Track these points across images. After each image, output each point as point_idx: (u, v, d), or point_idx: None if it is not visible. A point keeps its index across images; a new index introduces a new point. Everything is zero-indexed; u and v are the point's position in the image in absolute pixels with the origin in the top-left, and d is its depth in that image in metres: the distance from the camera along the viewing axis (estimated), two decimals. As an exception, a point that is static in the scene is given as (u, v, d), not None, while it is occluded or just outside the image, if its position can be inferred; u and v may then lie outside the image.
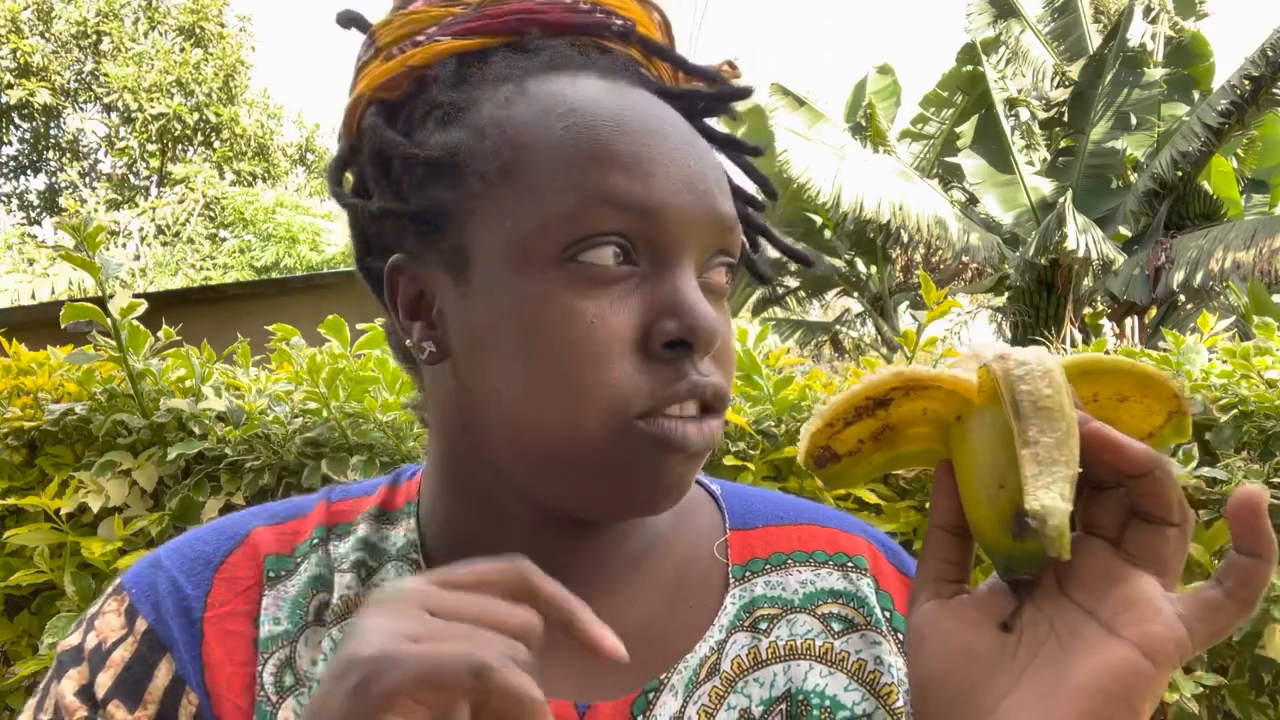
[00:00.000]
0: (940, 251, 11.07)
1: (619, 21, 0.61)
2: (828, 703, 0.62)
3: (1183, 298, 11.15)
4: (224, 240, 20.06)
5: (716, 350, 0.56)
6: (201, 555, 0.63)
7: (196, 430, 1.77)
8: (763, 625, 0.63)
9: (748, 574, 0.65)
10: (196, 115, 20.78)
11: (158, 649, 0.58)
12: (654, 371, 0.54)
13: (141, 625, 0.59)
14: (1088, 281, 10.99)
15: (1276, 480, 1.73)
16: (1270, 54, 9.91)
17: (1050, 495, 0.44)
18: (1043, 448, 0.45)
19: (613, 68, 0.59)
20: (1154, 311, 11.59)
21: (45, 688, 0.59)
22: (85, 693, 0.57)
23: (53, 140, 22.17)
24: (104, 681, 0.57)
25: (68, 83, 21.09)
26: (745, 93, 0.65)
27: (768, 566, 0.66)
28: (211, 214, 20.20)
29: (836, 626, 0.65)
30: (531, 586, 0.45)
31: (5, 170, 22.67)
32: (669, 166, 0.55)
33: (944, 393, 0.49)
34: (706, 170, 0.57)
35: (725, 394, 0.57)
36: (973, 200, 13.03)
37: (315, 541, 0.64)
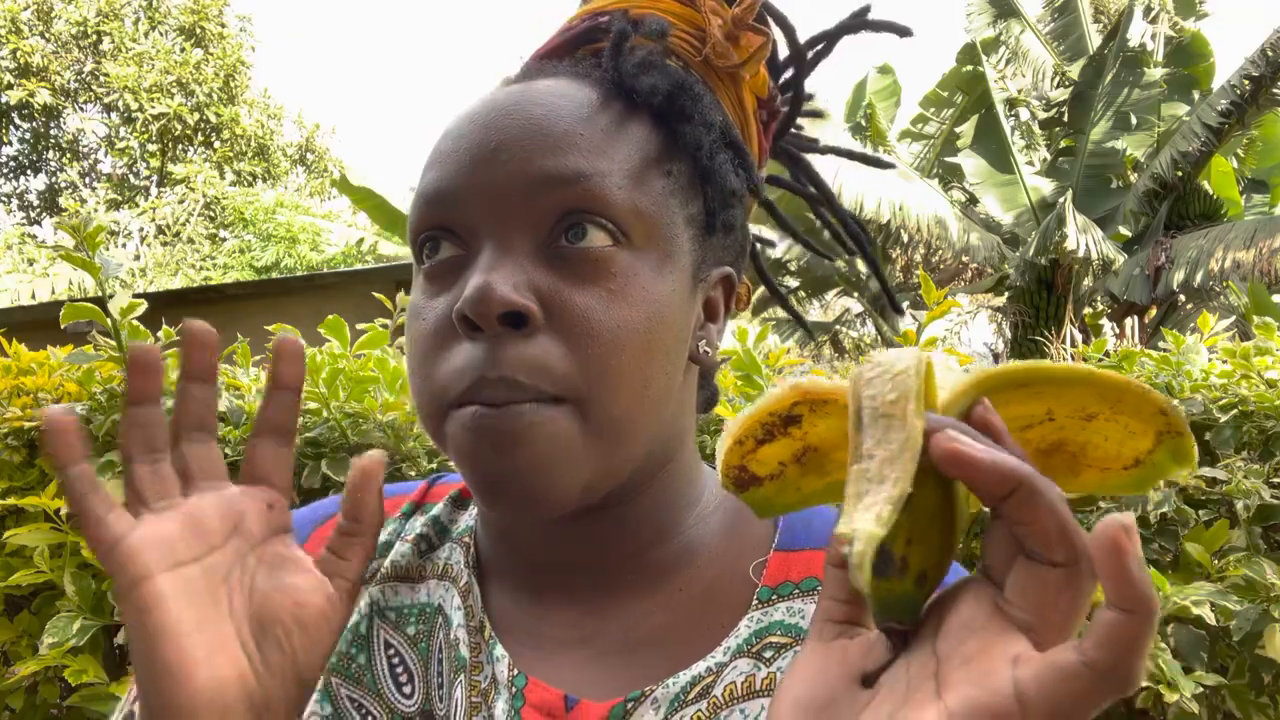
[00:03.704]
0: (940, 251, 11.06)
1: (604, 19, 0.63)
2: None
3: (1183, 298, 11.15)
4: (224, 240, 20.07)
5: (565, 326, 0.53)
6: (314, 515, 0.70)
7: (196, 430, 1.77)
8: (768, 654, 0.59)
9: (774, 597, 0.62)
10: (197, 115, 20.79)
11: None
12: (459, 356, 0.54)
13: None
14: (1088, 281, 10.99)
15: (1276, 480, 1.73)
16: (1270, 54, 9.91)
17: (864, 517, 0.36)
18: (874, 464, 0.38)
19: (555, 70, 0.61)
20: (1154, 311, 11.59)
21: None
22: None
23: (53, 140, 22.17)
24: None
25: (68, 83, 21.09)
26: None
27: (796, 591, 0.62)
28: (211, 214, 20.20)
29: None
30: None
31: (5, 170, 22.68)
32: (472, 149, 0.56)
33: (843, 408, 0.41)
34: (524, 137, 0.55)
35: (534, 385, 0.52)
36: (973, 200, 13.03)
37: (400, 515, 0.70)
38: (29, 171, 22.80)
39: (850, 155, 0.78)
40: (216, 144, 21.52)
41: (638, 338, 0.55)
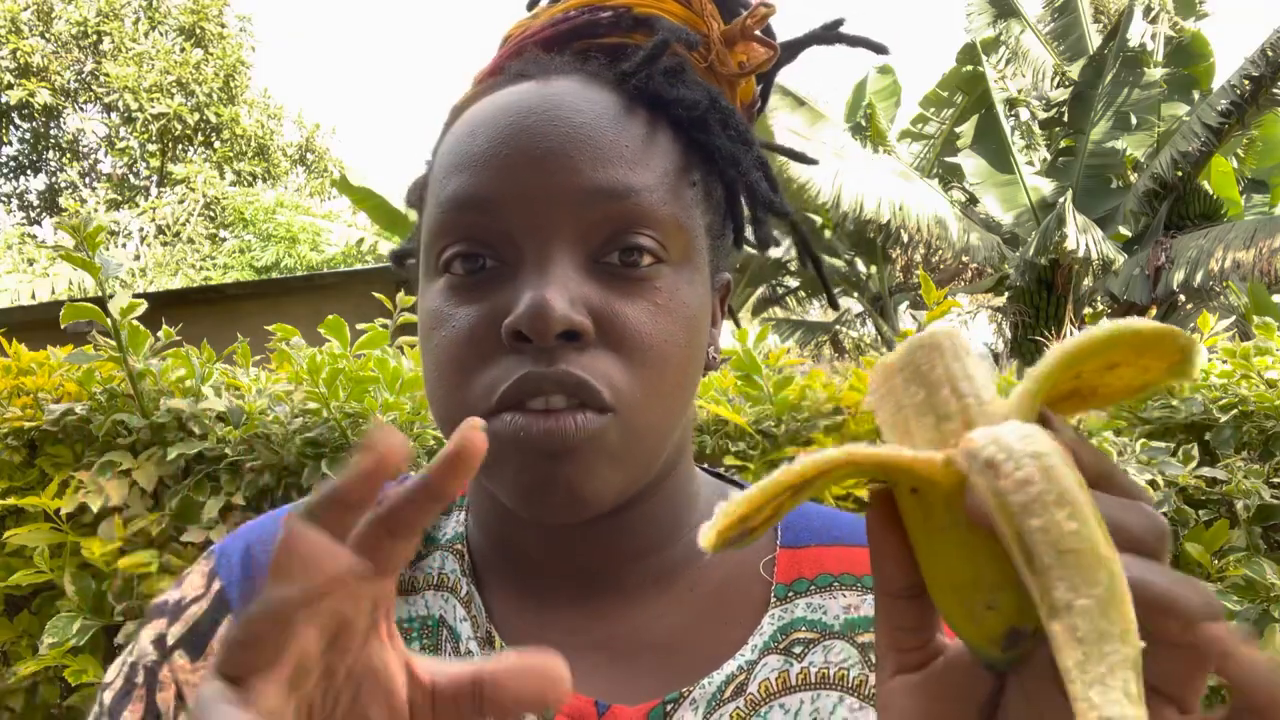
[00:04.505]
0: (940, 251, 11.07)
1: (605, 14, 0.62)
2: None
3: (1183, 298, 11.14)
4: (224, 240, 20.06)
5: (617, 341, 0.53)
6: (277, 530, 0.66)
7: (196, 430, 1.77)
8: (797, 649, 0.60)
9: (791, 594, 0.62)
10: (197, 115, 20.78)
11: (224, 609, 0.63)
12: (505, 366, 0.53)
13: (216, 586, 0.64)
14: (1088, 281, 10.99)
15: (1276, 480, 1.73)
16: (1270, 54, 9.91)
17: (1113, 701, 0.30)
18: (1080, 617, 0.31)
19: (567, 68, 0.59)
20: (1154, 311, 11.58)
21: (136, 633, 0.65)
22: (159, 641, 0.62)
23: (53, 140, 22.16)
24: (175, 632, 0.62)
25: (68, 83, 21.08)
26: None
27: (813, 588, 0.63)
28: (211, 214, 20.19)
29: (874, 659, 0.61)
30: None
31: (5, 170, 22.67)
32: (513, 155, 0.54)
33: (896, 470, 0.37)
34: (571, 147, 0.54)
35: (594, 385, 0.52)
36: (973, 200, 13.03)
37: None
38: (29, 171, 22.80)
39: (782, 151, 0.78)
40: (216, 144, 21.51)
41: (680, 350, 0.56)
